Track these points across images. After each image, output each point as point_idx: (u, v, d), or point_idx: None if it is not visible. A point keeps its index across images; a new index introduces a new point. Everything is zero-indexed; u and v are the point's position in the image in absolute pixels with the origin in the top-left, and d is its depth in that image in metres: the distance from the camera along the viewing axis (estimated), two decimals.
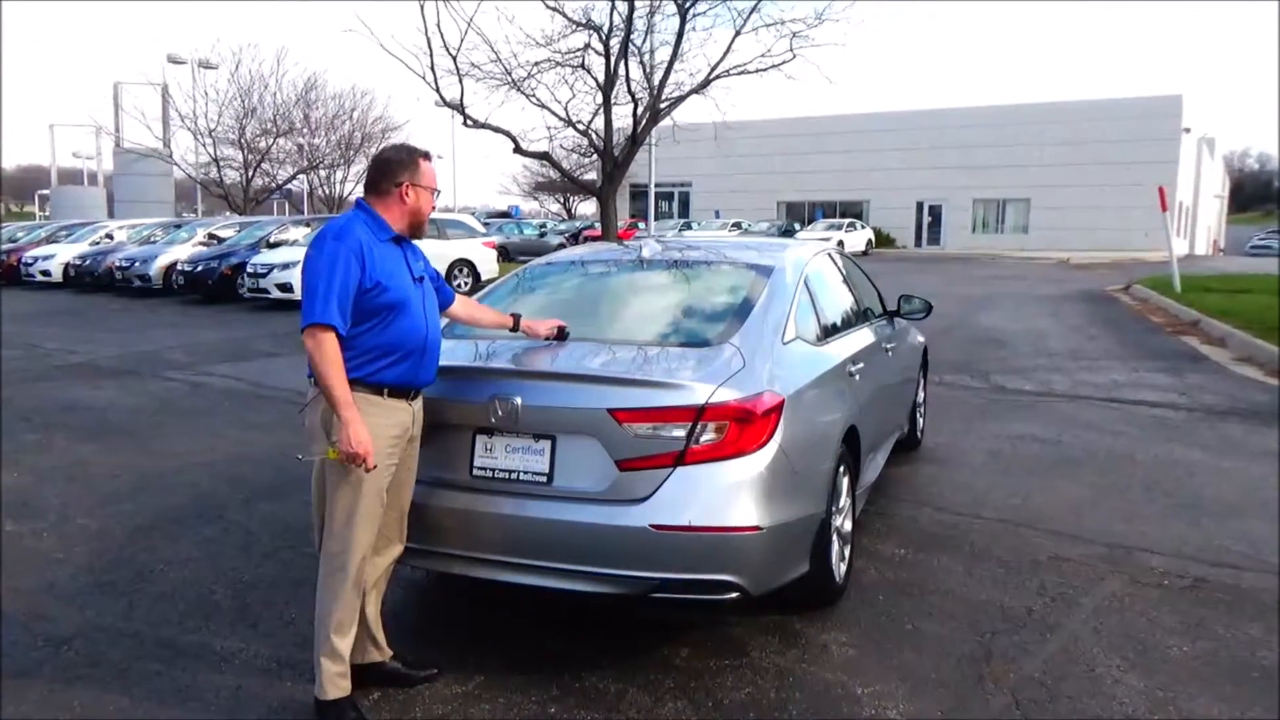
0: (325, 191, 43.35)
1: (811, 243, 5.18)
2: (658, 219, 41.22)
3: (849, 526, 4.04)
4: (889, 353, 5.20)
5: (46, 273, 22.79)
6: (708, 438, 3.14)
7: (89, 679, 3.31)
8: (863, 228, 42.35)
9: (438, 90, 17.12)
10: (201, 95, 33.75)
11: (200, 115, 33.63)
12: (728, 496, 3.14)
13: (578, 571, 3.18)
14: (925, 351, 6.76)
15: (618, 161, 18.05)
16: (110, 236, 25.00)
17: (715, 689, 3.21)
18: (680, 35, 17.48)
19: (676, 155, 27.24)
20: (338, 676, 2.99)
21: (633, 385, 3.22)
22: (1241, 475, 5.78)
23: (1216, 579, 4.15)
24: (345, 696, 2.99)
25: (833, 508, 3.68)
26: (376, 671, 3.23)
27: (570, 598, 3.38)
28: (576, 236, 34.83)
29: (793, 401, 3.40)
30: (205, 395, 8.70)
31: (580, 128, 18.36)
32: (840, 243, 32.19)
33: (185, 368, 10.25)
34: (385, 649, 3.26)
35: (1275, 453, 6.28)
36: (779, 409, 3.28)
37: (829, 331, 4.31)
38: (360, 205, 3.12)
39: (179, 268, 19.01)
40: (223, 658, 3.46)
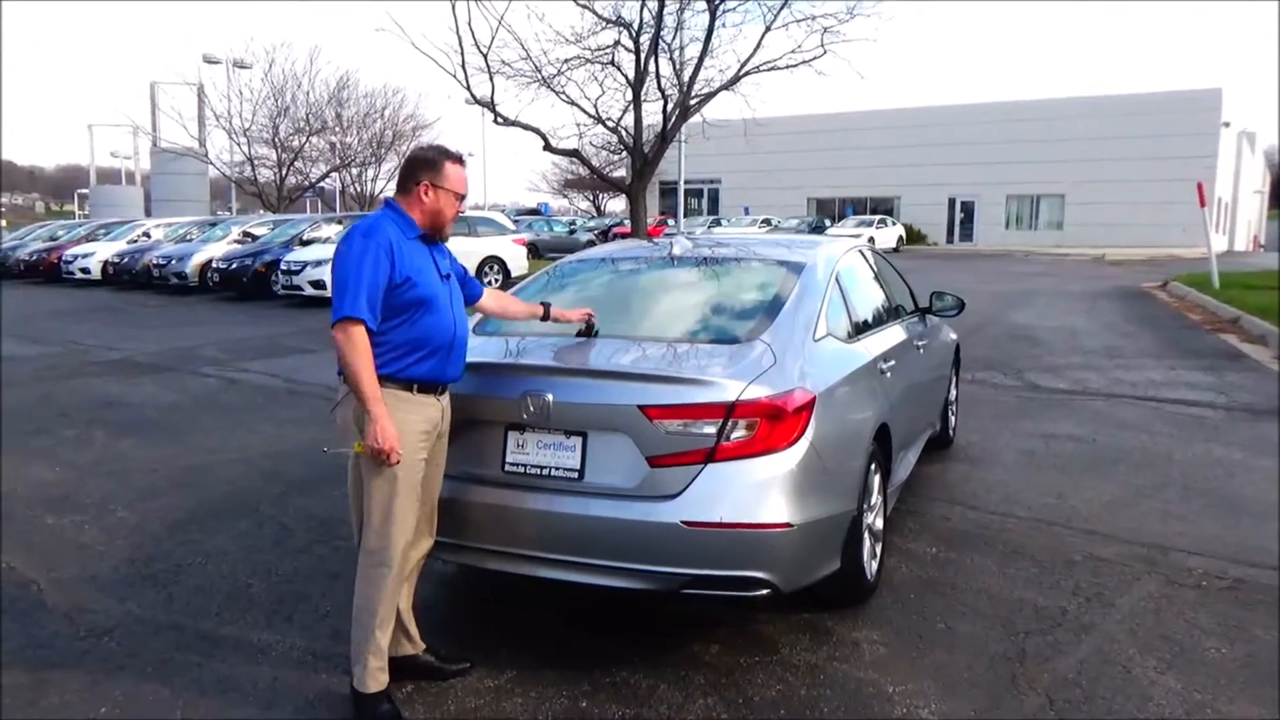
0: (357, 189, 43.75)
1: (843, 239, 5.16)
2: (687, 216, 41.19)
3: (880, 524, 4.02)
4: (921, 350, 5.16)
5: (86, 270, 23.27)
6: (739, 434, 3.14)
7: (130, 669, 3.37)
8: (894, 224, 42.04)
9: (468, 88, 17.21)
10: (236, 95, 34.20)
11: (235, 114, 34.07)
12: (759, 493, 3.14)
13: (609, 567, 3.20)
14: (957, 349, 6.70)
15: (647, 158, 18.04)
16: (147, 235, 25.44)
17: (746, 686, 3.21)
18: (710, 31, 17.44)
19: (706, 152, 27.22)
20: (378, 670, 3.03)
21: (664, 382, 3.22)
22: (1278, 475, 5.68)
23: (1255, 580, 4.08)
24: (383, 690, 3.04)
25: (864, 505, 3.66)
26: (409, 664, 3.26)
27: (601, 593, 3.40)
28: (606, 234, 34.84)
29: (824, 399, 3.39)
30: (240, 391, 8.82)
31: (610, 125, 18.37)
32: (871, 239, 32.06)
33: (221, 364, 10.40)
34: (418, 642, 3.29)
35: None
36: (810, 406, 3.27)
37: (860, 329, 4.29)
38: (389, 203, 3.16)
39: (214, 265, 19.30)
40: (259, 649, 3.51)
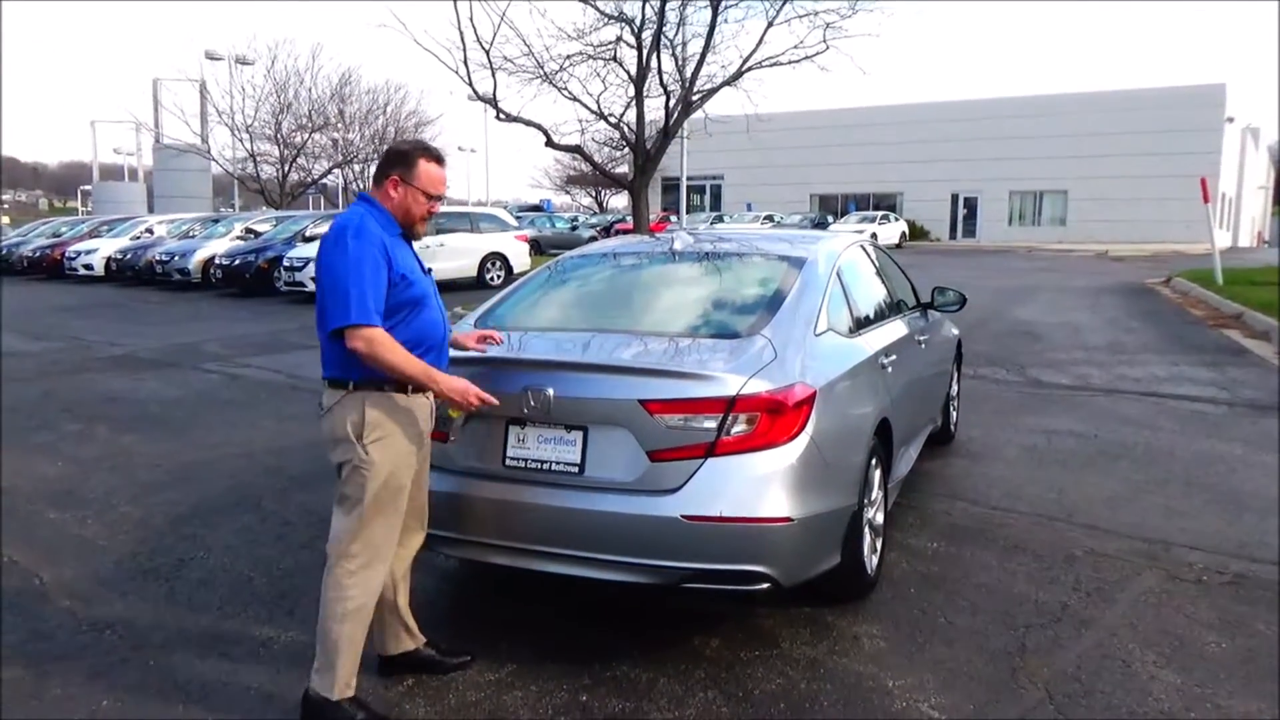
0: (360, 186, 43.74)
1: (844, 235, 5.16)
2: (689, 212, 41.19)
3: (881, 519, 4.03)
4: (922, 345, 5.16)
5: (89, 266, 23.31)
6: (739, 429, 3.15)
7: (132, 663, 3.39)
8: (896, 220, 41.99)
9: (471, 84, 17.20)
10: (238, 91, 34.24)
11: (237, 111, 34.11)
12: (759, 487, 3.15)
13: (609, 561, 3.21)
14: (959, 344, 6.70)
15: (649, 154, 18.03)
16: (150, 231, 25.49)
17: (746, 679, 3.22)
18: (712, 27, 17.41)
19: (708, 148, 27.19)
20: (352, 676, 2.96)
21: (664, 376, 3.23)
22: (1277, 470, 5.68)
23: (1257, 575, 4.08)
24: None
25: (864, 500, 3.67)
26: (411, 659, 3.27)
27: (601, 587, 3.41)
28: (608, 230, 34.83)
29: (824, 393, 3.39)
30: (243, 387, 8.84)
31: (612, 121, 18.36)
32: (874, 235, 32.06)
33: (223, 360, 10.41)
34: (418, 635, 3.30)
35: None
36: (811, 400, 3.27)
37: (862, 323, 4.30)
38: (364, 198, 3.01)
39: (217, 262, 19.33)
40: (261, 643, 3.52)
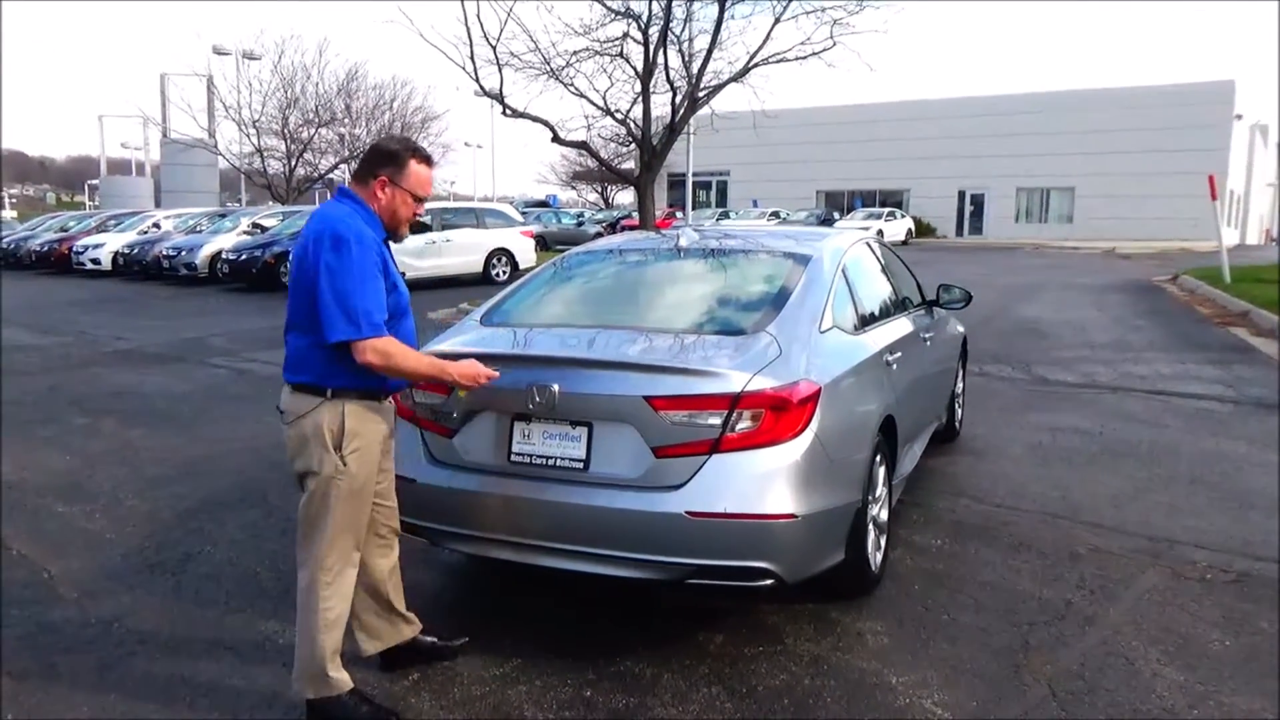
0: None
1: (850, 232, 5.16)
2: (695, 208, 41.17)
3: (885, 516, 4.03)
4: (927, 342, 5.16)
5: (96, 261, 23.39)
6: (743, 425, 3.15)
7: (139, 656, 3.41)
8: (902, 217, 41.93)
9: (477, 80, 17.17)
10: (246, 86, 34.19)
11: (244, 106, 34.06)
12: (763, 484, 3.15)
13: (614, 557, 3.21)
14: (964, 342, 6.70)
15: (655, 150, 18.00)
16: (157, 226, 25.54)
17: (750, 675, 3.23)
18: (719, 23, 17.36)
19: (714, 144, 27.20)
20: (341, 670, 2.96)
21: (669, 373, 3.23)
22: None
23: (1261, 574, 4.08)
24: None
25: (869, 497, 3.67)
26: (412, 648, 3.26)
27: (606, 583, 3.42)
28: (614, 226, 34.83)
29: (829, 390, 3.39)
30: (249, 382, 8.86)
31: (618, 117, 18.32)
32: (880, 232, 32.00)
33: (230, 355, 10.44)
34: (416, 623, 3.28)
35: None
36: (815, 397, 3.28)
37: (867, 321, 4.30)
38: (349, 196, 2.89)
39: (224, 256, 19.38)
40: (267, 637, 3.55)
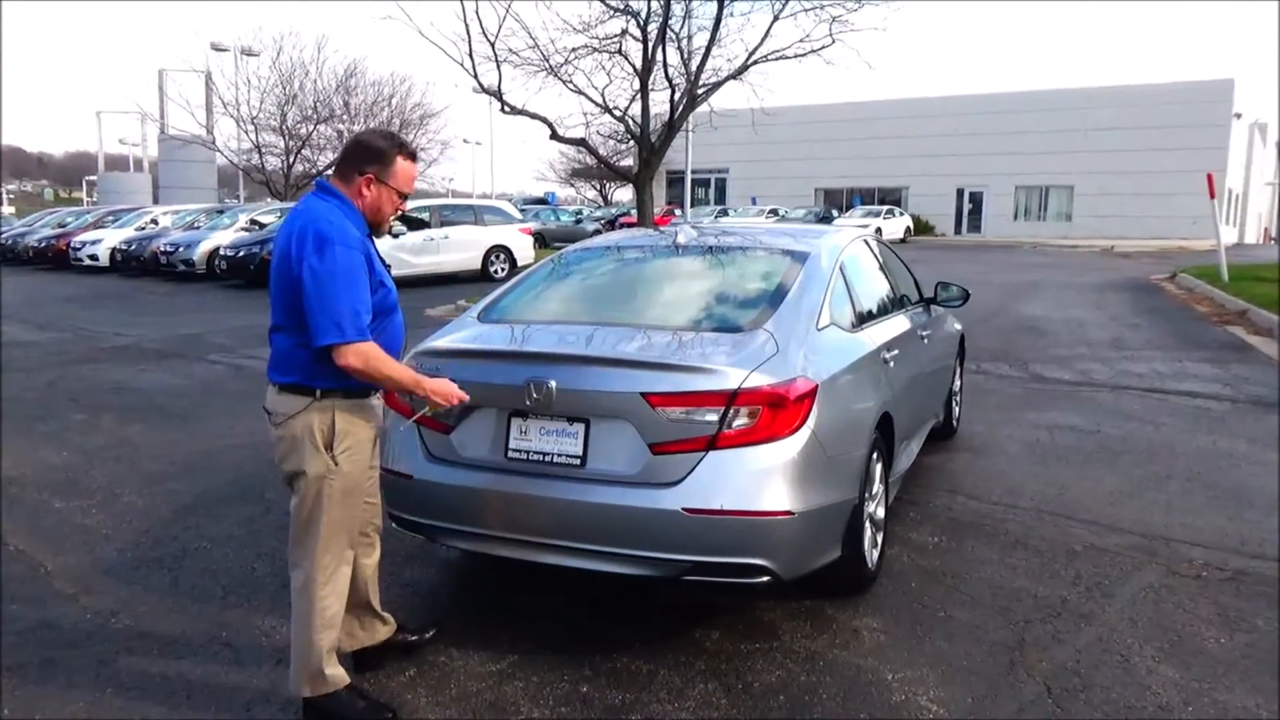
0: None
1: (848, 229, 5.17)
2: (694, 205, 41.12)
3: (882, 513, 4.04)
4: (925, 340, 5.17)
5: (94, 257, 23.35)
6: (740, 422, 3.16)
7: (137, 651, 3.41)
8: (901, 215, 41.89)
9: (476, 77, 17.15)
10: (244, 82, 34.15)
11: (243, 102, 34.02)
12: (760, 481, 3.16)
13: (610, 554, 3.22)
14: (962, 339, 6.71)
15: (654, 148, 17.99)
16: (155, 222, 25.52)
17: (746, 671, 3.24)
18: (718, 20, 17.35)
19: (713, 141, 27.15)
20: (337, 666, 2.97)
21: (666, 369, 3.24)
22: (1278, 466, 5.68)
23: (1257, 571, 4.09)
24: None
25: (865, 494, 3.68)
26: (385, 648, 3.25)
27: (602, 579, 3.42)
28: (613, 223, 34.80)
29: (826, 387, 3.40)
30: (247, 378, 8.86)
31: (617, 114, 18.32)
32: (878, 230, 32.00)
33: (228, 351, 10.44)
34: (391, 623, 3.28)
35: None
36: (812, 395, 3.28)
37: (864, 318, 4.30)
38: (330, 192, 2.84)
39: (221, 253, 19.35)
40: (264, 633, 3.55)
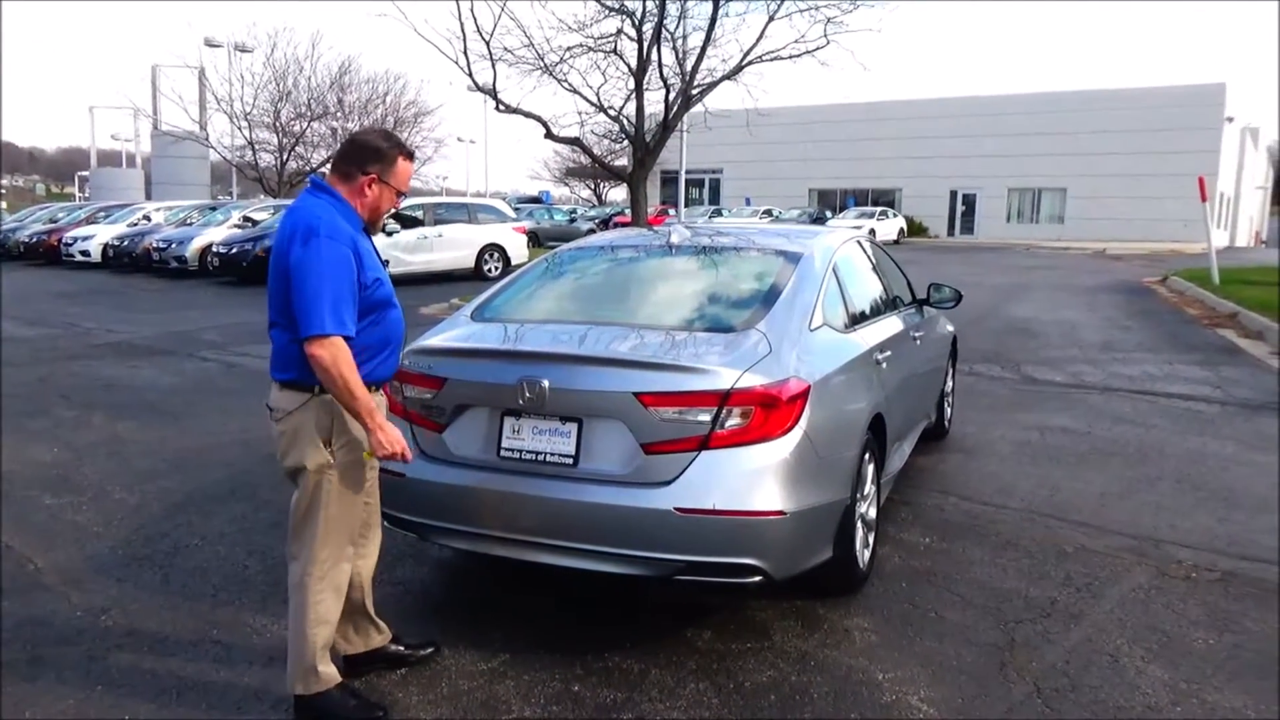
0: None
1: (841, 230, 5.18)
2: (688, 205, 41.15)
3: (873, 514, 4.05)
4: (917, 341, 5.18)
5: (86, 253, 23.25)
6: (733, 422, 3.16)
7: (127, 648, 3.41)
8: (895, 216, 41.98)
9: (470, 75, 17.13)
10: (237, 79, 34.04)
11: (236, 99, 33.92)
12: (752, 481, 3.17)
13: (602, 553, 3.23)
14: (954, 341, 6.72)
15: (649, 147, 18.00)
16: (148, 218, 25.41)
17: (737, 671, 3.24)
18: (713, 20, 17.36)
19: (708, 141, 27.13)
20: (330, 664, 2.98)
21: (659, 369, 3.25)
22: (1276, 469, 5.70)
23: (1246, 573, 4.11)
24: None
25: (857, 494, 3.69)
26: (377, 655, 3.24)
27: (594, 578, 3.43)
28: (607, 222, 34.80)
29: (819, 388, 3.41)
30: (239, 375, 8.84)
31: (612, 113, 18.31)
32: (872, 231, 32.01)
33: (220, 348, 10.41)
34: (386, 631, 3.27)
35: None
36: (805, 395, 3.29)
37: (857, 319, 4.31)
38: (324, 189, 2.88)
39: (214, 249, 19.26)
40: (255, 630, 3.54)
